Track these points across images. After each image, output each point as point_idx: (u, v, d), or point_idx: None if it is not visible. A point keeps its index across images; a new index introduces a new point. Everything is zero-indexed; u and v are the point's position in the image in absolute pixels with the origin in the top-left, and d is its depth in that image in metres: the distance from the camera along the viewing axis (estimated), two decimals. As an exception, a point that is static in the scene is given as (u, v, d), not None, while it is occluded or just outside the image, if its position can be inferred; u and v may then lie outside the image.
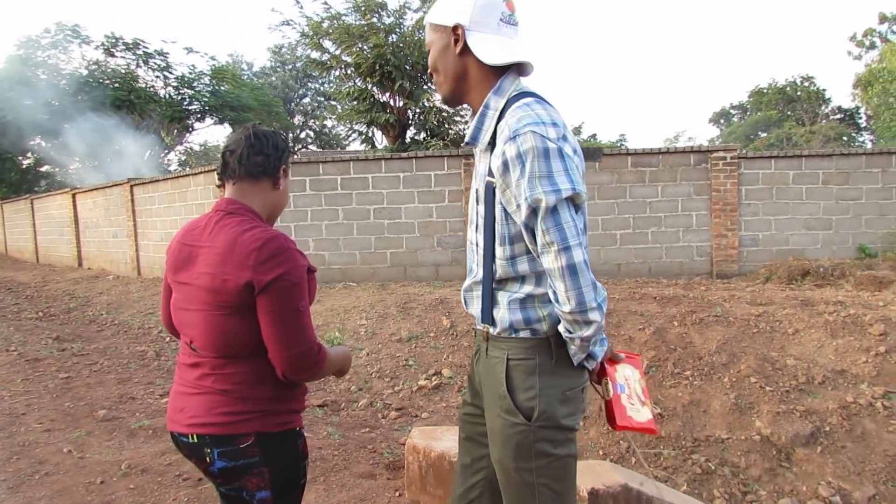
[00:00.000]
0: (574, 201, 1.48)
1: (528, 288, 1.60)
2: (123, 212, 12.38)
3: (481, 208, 1.64)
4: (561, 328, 1.56)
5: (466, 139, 1.66)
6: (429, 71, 1.72)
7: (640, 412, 1.80)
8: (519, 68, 1.64)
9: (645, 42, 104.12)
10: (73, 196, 14.82)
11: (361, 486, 3.42)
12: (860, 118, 34.02)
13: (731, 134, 34.80)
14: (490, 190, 1.58)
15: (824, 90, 34.66)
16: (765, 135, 32.59)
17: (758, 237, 8.90)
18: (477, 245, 1.69)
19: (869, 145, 30.46)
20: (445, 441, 3.17)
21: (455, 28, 1.58)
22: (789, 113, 34.73)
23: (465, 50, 1.59)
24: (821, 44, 78.83)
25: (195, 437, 1.58)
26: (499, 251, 1.60)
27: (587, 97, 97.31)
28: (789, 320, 5.38)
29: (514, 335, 1.61)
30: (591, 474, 2.77)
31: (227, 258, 1.53)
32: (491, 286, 1.65)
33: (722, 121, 39.84)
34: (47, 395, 5.00)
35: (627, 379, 1.82)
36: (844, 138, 29.30)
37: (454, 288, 8.03)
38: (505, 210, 1.56)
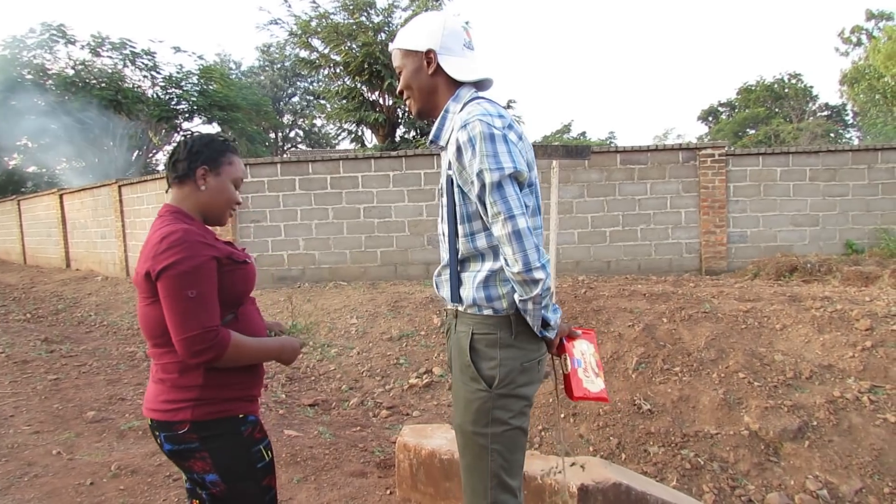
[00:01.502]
0: (517, 178, 1.71)
1: (488, 265, 1.82)
2: (112, 212, 12.29)
3: (445, 199, 1.87)
4: (516, 296, 1.76)
5: (430, 137, 1.93)
6: (399, 89, 1.97)
7: (594, 383, 1.97)
8: (476, 83, 1.92)
9: (634, 40, 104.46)
10: (61, 196, 14.70)
11: (352, 484, 3.43)
12: (847, 115, 34.24)
13: (719, 131, 34.90)
14: (450, 182, 1.82)
15: (811, 87, 34.88)
16: (753, 132, 32.71)
17: (746, 234, 8.96)
18: (444, 234, 1.91)
19: (856, 142, 30.73)
20: (436, 439, 3.18)
21: (428, 52, 1.86)
22: (777, 110, 34.91)
23: (437, 71, 1.87)
24: (808, 41, 79.29)
25: (150, 420, 1.78)
26: (460, 230, 1.83)
27: (576, 95, 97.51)
28: (777, 316, 5.42)
29: (478, 312, 1.83)
30: (582, 470, 2.79)
31: (141, 255, 1.71)
32: (457, 268, 1.88)
33: (710, 118, 39.96)
34: (36, 397, 4.97)
35: (584, 353, 1.99)
36: (831, 135, 29.50)
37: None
38: (463, 192, 1.79)
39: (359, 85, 13.31)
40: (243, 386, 1.79)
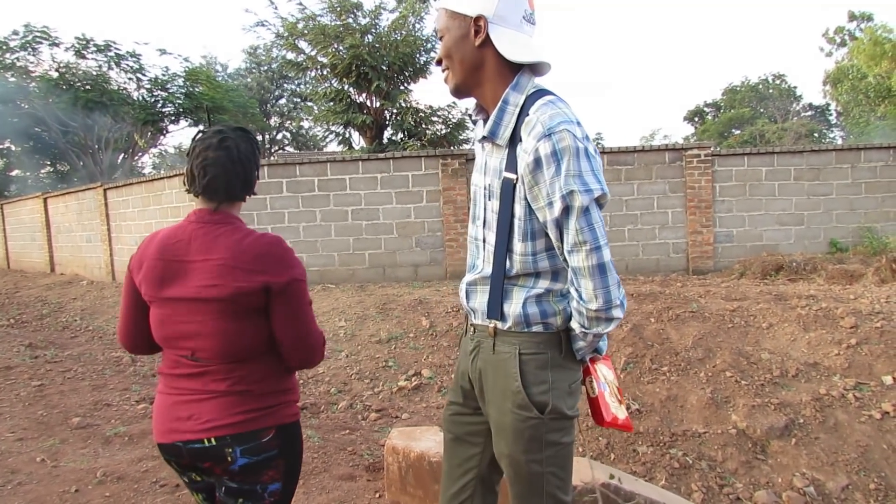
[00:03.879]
0: (600, 202, 1.51)
1: (545, 283, 1.62)
2: (97, 216, 12.19)
3: (495, 204, 1.63)
4: (575, 324, 1.59)
5: (484, 133, 1.63)
6: (438, 58, 1.67)
7: (619, 409, 1.83)
8: (533, 67, 1.63)
9: (620, 41, 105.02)
10: (45, 200, 14.56)
11: (341, 488, 3.41)
12: (831, 115, 34.64)
13: (705, 132, 35.14)
14: (509, 186, 1.57)
15: (795, 87, 35.31)
16: (738, 132, 32.98)
17: (732, 233, 9.02)
18: (484, 241, 1.69)
19: (839, 141, 31.06)
20: (425, 441, 3.17)
21: (477, 19, 1.55)
22: (762, 110, 35.24)
23: (486, 42, 1.56)
24: (793, 42, 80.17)
25: (213, 439, 1.59)
26: (519, 247, 1.60)
27: (563, 96, 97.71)
28: (763, 315, 5.45)
29: (526, 329, 1.62)
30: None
31: (234, 266, 1.55)
32: (502, 281, 1.64)
33: (696, 119, 40.23)
34: (19, 404, 4.91)
35: (605, 377, 1.85)
36: (815, 135, 29.82)
37: (433, 288, 8.03)
38: (528, 206, 1.55)
39: (346, 87, 13.28)
40: (298, 390, 1.80)
